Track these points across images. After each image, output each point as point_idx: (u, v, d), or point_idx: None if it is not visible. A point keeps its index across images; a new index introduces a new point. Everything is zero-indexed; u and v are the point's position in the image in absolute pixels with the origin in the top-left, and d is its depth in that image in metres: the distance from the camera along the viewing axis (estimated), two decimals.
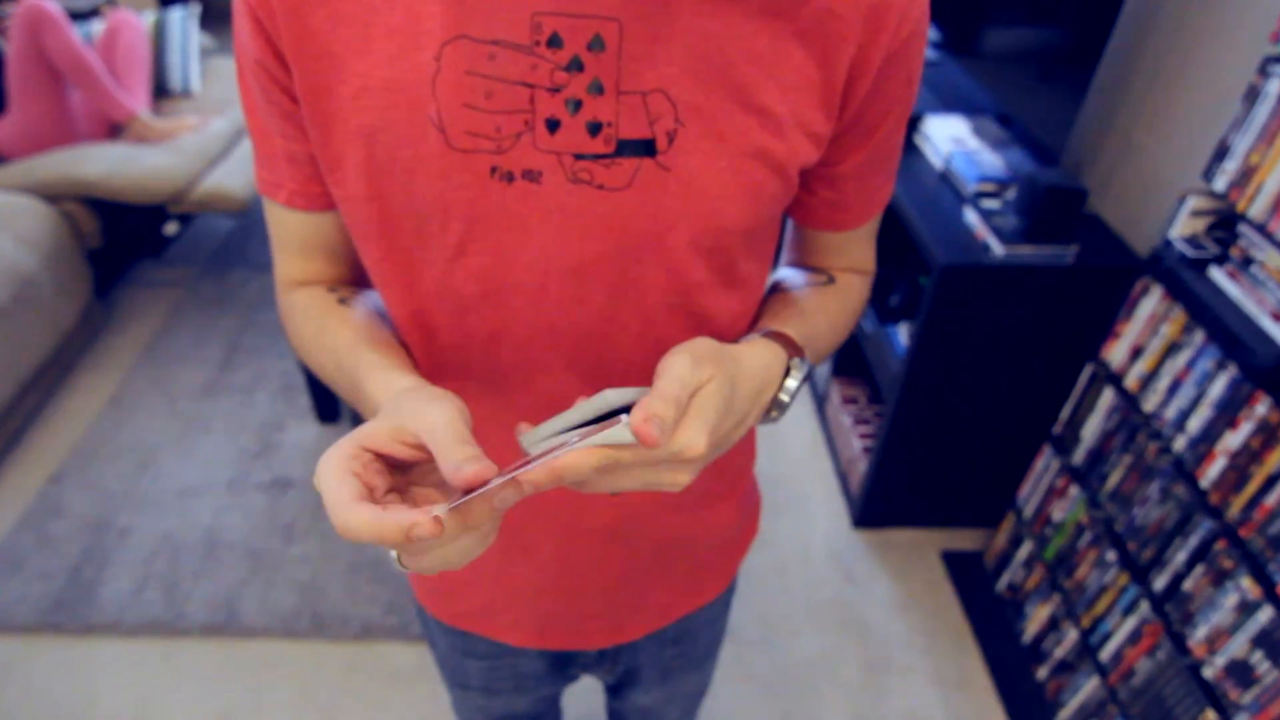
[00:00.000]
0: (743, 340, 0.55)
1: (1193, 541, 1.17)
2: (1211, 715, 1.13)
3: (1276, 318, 1.07)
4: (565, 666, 0.84)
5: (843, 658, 1.68)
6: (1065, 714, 1.47)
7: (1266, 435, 1.05)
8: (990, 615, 1.73)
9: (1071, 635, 1.46)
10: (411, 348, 0.59)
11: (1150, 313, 1.25)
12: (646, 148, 0.48)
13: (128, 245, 2.64)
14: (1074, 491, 1.45)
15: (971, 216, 1.53)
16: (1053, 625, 1.53)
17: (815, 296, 0.64)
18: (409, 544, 0.37)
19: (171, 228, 2.80)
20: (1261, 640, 1.06)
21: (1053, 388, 1.59)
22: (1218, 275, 1.16)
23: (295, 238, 0.60)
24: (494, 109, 0.47)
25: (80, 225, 2.31)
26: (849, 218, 0.63)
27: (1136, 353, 1.29)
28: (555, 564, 0.69)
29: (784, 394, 0.53)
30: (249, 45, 0.50)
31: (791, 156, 0.51)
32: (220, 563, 1.79)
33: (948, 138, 1.77)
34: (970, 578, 1.82)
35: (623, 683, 0.89)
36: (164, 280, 2.71)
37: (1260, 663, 1.06)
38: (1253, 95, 1.07)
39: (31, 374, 2.09)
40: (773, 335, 0.55)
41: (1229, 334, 1.10)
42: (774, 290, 0.66)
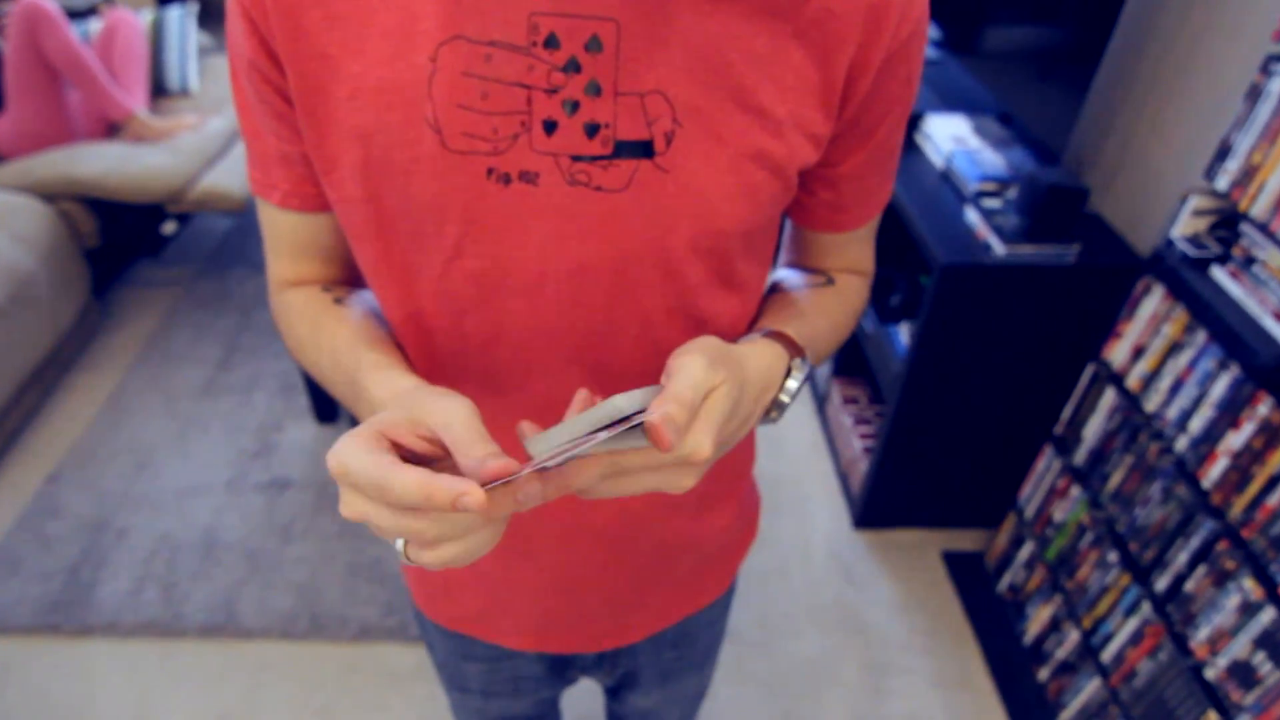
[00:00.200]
0: (744, 340, 0.54)
1: (1194, 542, 1.17)
2: (1213, 716, 1.13)
3: (1278, 317, 1.07)
4: (564, 669, 0.84)
5: (843, 659, 1.68)
6: (1067, 715, 1.47)
7: (1269, 435, 1.05)
8: (991, 616, 1.73)
9: (1073, 636, 1.46)
10: (408, 349, 0.58)
11: (1152, 312, 1.25)
12: (644, 149, 0.48)
13: (125, 245, 2.64)
14: (1075, 492, 1.45)
15: (972, 216, 1.53)
16: (1054, 626, 1.52)
17: (815, 298, 0.64)
18: (448, 514, 0.37)
19: (169, 227, 2.80)
20: (1264, 641, 1.05)
21: (1054, 388, 1.58)
22: (1220, 275, 1.16)
23: (288, 238, 0.60)
24: (490, 110, 0.46)
25: (78, 224, 2.30)
26: (848, 219, 0.62)
27: (1138, 352, 1.28)
28: (554, 567, 0.68)
29: (784, 395, 0.53)
30: (242, 45, 0.49)
31: (790, 157, 0.51)
32: (218, 563, 1.79)
33: (949, 137, 1.76)
34: (971, 578, 1.81)
35: (622, 685, 0.89)
36: (162, 280, 2.70)
37: (1262, 664, 1.06)
38: (1255, 94, 1.06)
39: (29, 374, 2.08)
40: (774, 335, 0.55)
41: (1231, 334, 1.10)
42: (773, 291, 0.66)
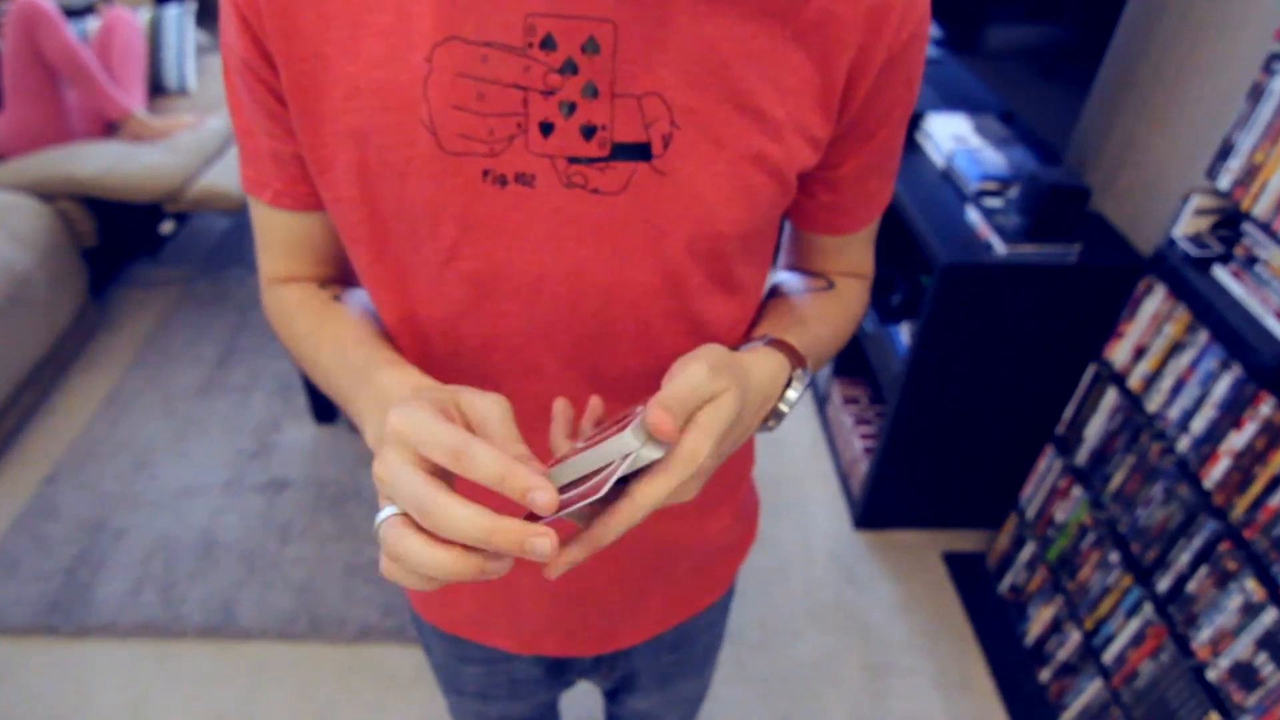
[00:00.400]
0: (746, 347, 0.54)
1: (1196, 543, 1.16)
2: (1215, 718, 1.13)
3: None
4: (562, 672, 0.84)
5: (844, 660, 1.68)
6: (1068, 716, 1.47)
7: (1271, 436, 1.04)
8: (992, 617, 1.72)
9: (1074, 637, 1.45)
10: (403, 351, 0.58)
11: (1153, 312, 1.24)
12: (641, 151, 0.47)
13: (123, 244, 2.63)
14: (1077, 492, 1.45)
15: (974, 215, 1.52)
16: (1055, 627, 1.52)
17: (816, 303, 0.63)
18: (513, 551, 0.37)
19: (167, 226, 2.79)
20: (1266, 642, 1.05)
21: (1055, 388, 1.58)
22: (1222, 274, 1.15)
23: (280, 237, 0.59)
24: (486, 111, 0.46)
25: (75, 224, 2.30)
26: (848, 221, 0.62)
27: (1140, 352, 1.28)
28: None
29: (784, 404, 0.53)
30: (235, 44, 0.49)
31: (789, 160, 0.51)
32: (216, 564, 1.78)
33: (950, 136, 1.75)
34: (972, 579, 1.81)
35: (620, 688, 0.88)
36: (160, 279, 2.69)
37: (1265, 665, 1.05)
38: (1257, 93, 1.06)
39: (26, 373, 2.08)
40: (776, 344, 0.54)
41: (1233, 334, 1.09)
42: (773, 295, 0.65)
